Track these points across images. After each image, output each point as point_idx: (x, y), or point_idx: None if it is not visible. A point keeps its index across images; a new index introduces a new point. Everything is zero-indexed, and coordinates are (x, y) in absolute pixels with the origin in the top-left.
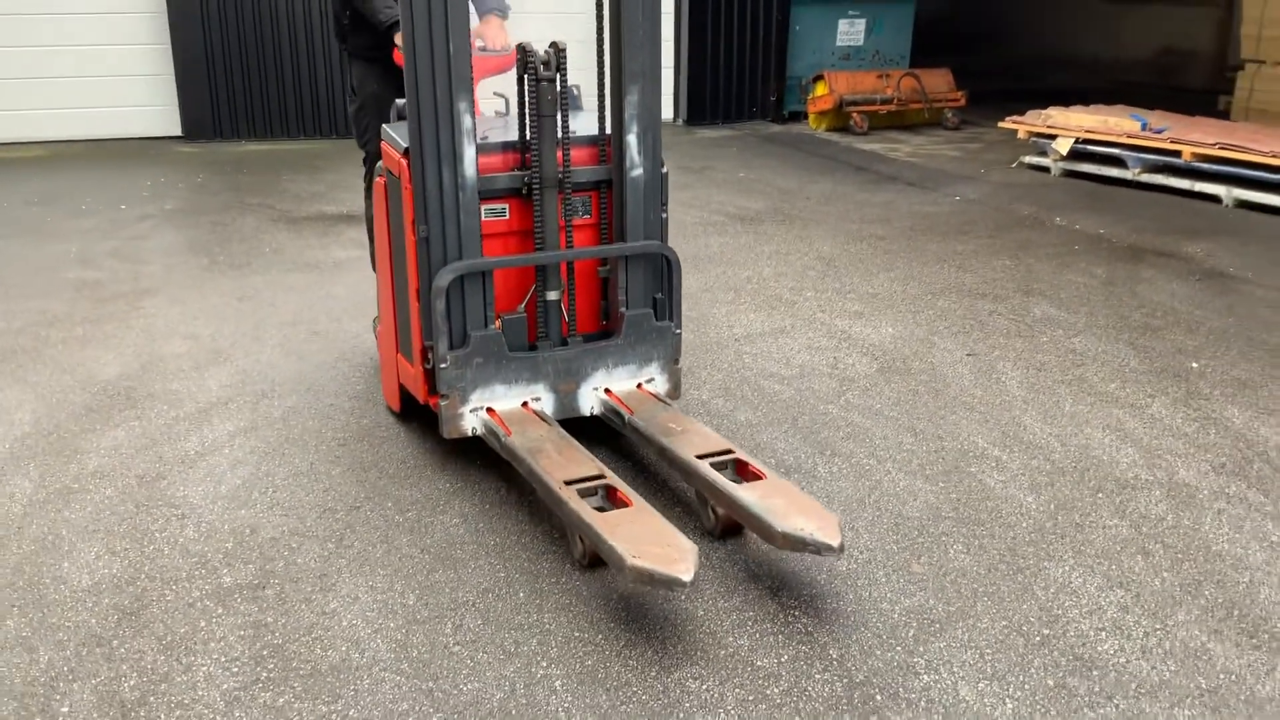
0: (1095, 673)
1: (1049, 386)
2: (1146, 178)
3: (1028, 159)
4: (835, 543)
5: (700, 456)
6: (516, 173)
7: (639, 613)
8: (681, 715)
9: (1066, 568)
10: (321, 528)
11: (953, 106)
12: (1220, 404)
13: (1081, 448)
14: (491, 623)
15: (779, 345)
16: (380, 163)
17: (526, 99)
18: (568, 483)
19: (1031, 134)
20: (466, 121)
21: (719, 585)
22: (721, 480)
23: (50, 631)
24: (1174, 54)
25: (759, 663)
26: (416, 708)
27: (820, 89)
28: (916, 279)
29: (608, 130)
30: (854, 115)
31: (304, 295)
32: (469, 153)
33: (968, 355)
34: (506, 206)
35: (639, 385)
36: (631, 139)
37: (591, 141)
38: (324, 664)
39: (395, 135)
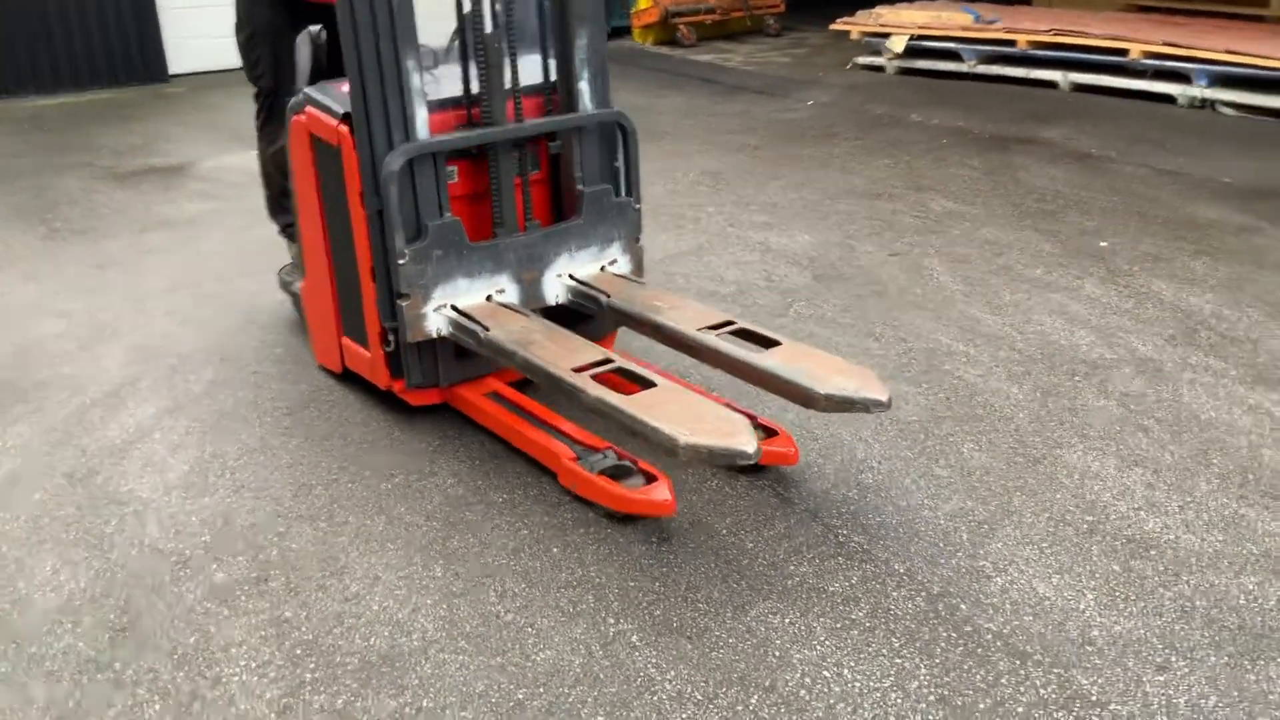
0: (1153, 553)
1: (981, 278)
2: (983, 69)
3: (861, 60)
4: (884, 397)
5: (702, 330)
6: (464, 132)
7: (687, 553)
8: (776, 654)
9: (1079, 453)
10: (304, 507)
11: (773, 13)
12: (1144, 278)
13: (1039, 334)
14: (536, 584)
15: (705, 263)
16: (292, 102)
17: (472, 47)
18: (577, 370)
19: (864, 34)
20: (415, 81)
21: (755, 515)
22: (738, 350)
23: (34, 663)
24: None
25: (831, 588)
26: (495, 686)
27: (643, 2)
28: (808, 185)
29: (553, 77)
30: (681, 27)
31: (172, 257)
32: (420, 115)
33: (891, 255)
34: (455, 170)
35: (602, 268)
36: (583, 85)
37: (538, 91)
38: (372, 654)
39: (323, 98)
